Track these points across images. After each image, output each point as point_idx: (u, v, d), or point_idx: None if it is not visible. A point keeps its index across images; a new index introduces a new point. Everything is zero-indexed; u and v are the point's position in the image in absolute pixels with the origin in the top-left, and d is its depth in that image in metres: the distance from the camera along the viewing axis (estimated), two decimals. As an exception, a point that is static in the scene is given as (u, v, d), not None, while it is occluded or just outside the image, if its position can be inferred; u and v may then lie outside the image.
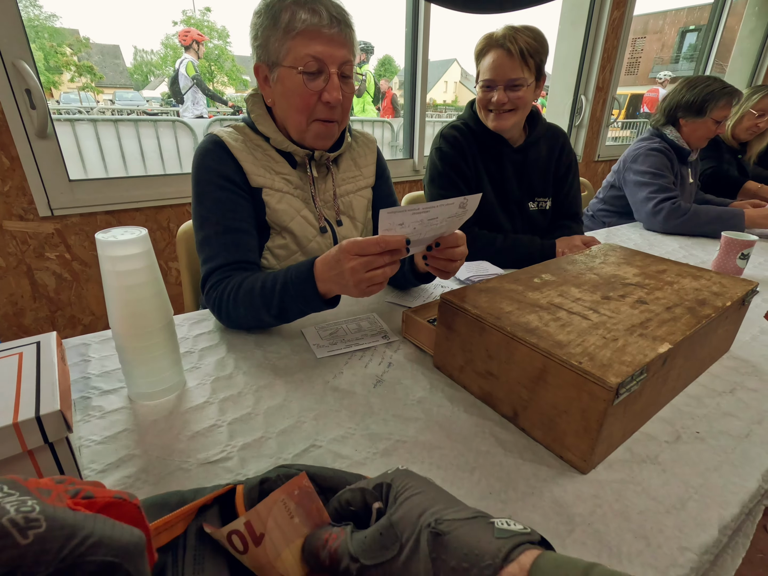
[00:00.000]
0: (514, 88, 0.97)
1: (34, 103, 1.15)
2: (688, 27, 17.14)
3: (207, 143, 0.74)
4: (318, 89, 0.70)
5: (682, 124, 1.47)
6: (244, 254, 0.71)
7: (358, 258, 0.53)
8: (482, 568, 0.23)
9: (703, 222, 1.33)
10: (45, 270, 1.32)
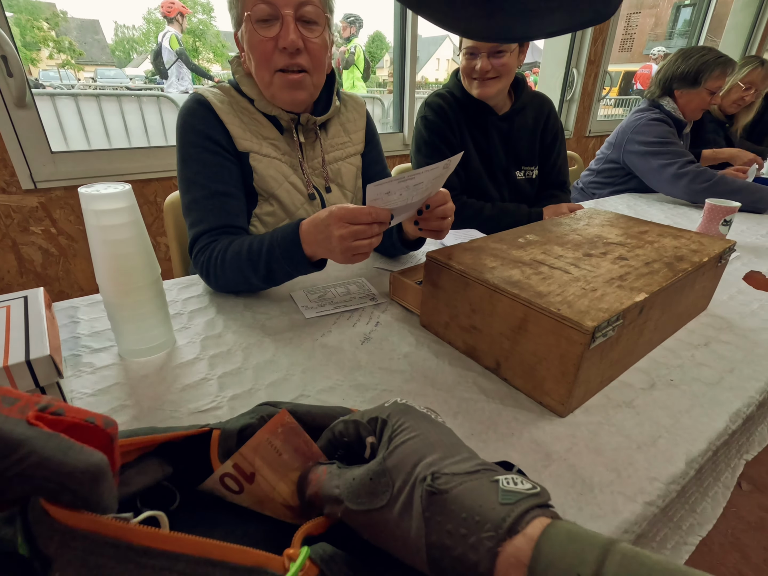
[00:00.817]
0: (497, 54, 0.97)
1: (11, 70, 1.11)
2: (683, 2, 16.88)
3: (192, 102, 0.72)
4: (272, 35, 0.67)
5: (677, 96, 1.46)
6: (232, 218, 0.71)
7: (349, 226, 0.53)
8: (483, 538, 0.20)
9: (726, 190, 1.30)
10: (31, 245, 1.30)
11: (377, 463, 0.25)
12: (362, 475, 0.25)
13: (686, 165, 1.35)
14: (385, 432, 0.27)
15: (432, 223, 0.63)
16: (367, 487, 0.24)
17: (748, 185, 1.32)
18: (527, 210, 1.04)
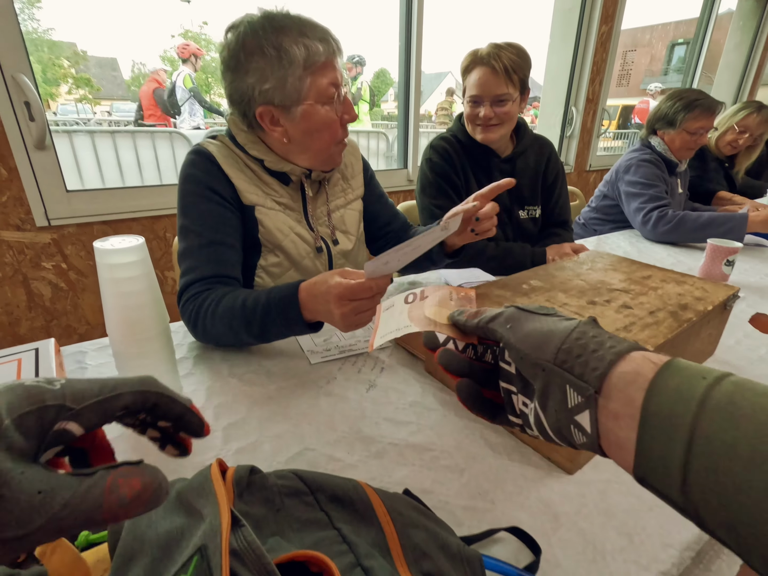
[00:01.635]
0: (500, 103, 1.00)
1: (33, 115, 1.16)
2: (676, 41, 17.53)
3: (195, 155, 0.72)
4: (339, 113, 0.71)
5: (660, 136, 1.51)
6: (226, 268, 0.69)
7: (350, 303, 0.52)
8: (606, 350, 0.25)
9: (693, 227, 1.31)
10: (41, 280, 1.32)
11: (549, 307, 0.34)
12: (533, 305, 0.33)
13: (653, 210, 1.38)
14: None
15: (485, 225, 0.72)
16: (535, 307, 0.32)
17: (714, 218, 1.29)
18: (530, 250, 1.06)
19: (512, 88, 1.00)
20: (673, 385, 0.22)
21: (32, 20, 25.82)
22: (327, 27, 0.68)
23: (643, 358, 0.24)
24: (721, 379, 0.21)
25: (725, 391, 0.20)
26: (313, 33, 0.65)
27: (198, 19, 28.55)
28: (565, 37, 2.58)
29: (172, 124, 4.36)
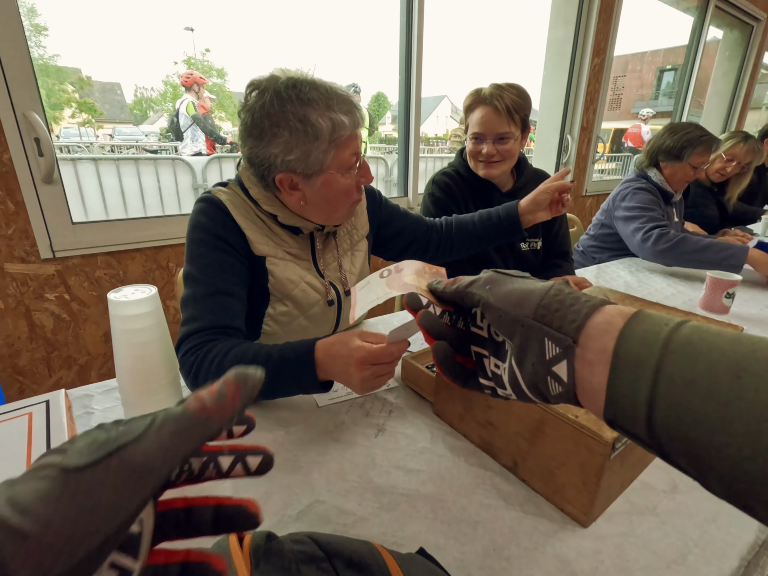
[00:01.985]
0: (502, 141, 1.03)
1: (42, 151, 1.19)
2: (665, 67, 18.09)
3: (205, 202, 0.71)
4: (357, 178, 0.72)
5: (662, 167, 1.54)
6: (230, 319, 0.67)
7: (370, 367, 0.52)
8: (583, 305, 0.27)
9: (693, 249, 1.30)
10: (44, 311, 1.32)
11: None
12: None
13: (653, 229, 1.38)
14: None
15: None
16: (515, 273, 0.33)
17: (713, 243, 1.28)
18: None
19: (514, 126, 1.03)
20: (639, 331, 0.24)
21: (38, 47, 26.52)
22: (352, 97, 0.68)
23: (615, 310, 0.26)
24: (682, 324, 0.23)
25: (685, 333, 0.22)
26: (340, 106, 0.65)
27: (201, 45, 29.53)
28: (558, 69, 2.67)
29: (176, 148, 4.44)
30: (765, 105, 7.53)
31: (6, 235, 1.21)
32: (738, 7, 3.52)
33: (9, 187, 1.18)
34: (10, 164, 1.16)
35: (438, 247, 0.98)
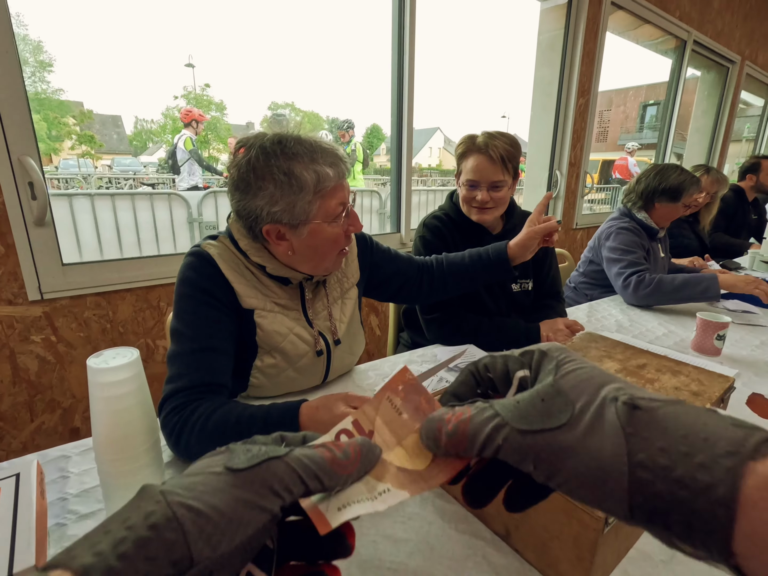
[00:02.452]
0: (496, 188, 1.06)
1: (36, 194, 1.19)
2: (647, 102, 18.86)
3: (194, 257, 0.71)
4: (345, 226, 0.72)
5: (657, 207, 1.58)
6: (215, 376, 0.66)
7: None
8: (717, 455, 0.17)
9: (670, 290, 1.36)
10: (28, 354, 1.29)
11: (547, 385, 0.23)
12: (530, 397, 0.23)
13: (631, 275, 1.43)
14: (547, 362, 0.25)
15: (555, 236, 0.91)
16: (539, 408, 0.22)
17: (689, 279, 1.35)
18: (524, 326, 1.06)
19: (507, 175, 1.05)
20: None
21: (42, 82, 27.22)
22: (337, 149, 0.70)
23: None
24: None
25: None
26: (324, 158, 0.67)
27: (201, 80, 30.40)
28: (545, 108, 2.77)
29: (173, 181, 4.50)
30: (745, 137, 7.82)
31: (-6, 278, 1.20)
32: (713, 50, 3.71)
33: (0, 230, 1.18)
34: (2, 208, 1.17)
35: (430, 287, 0.99)
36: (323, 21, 20.03)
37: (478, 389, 0.27)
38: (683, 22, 3.22)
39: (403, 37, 1.89)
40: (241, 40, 21.92)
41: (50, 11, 11.00)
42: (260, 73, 18.48)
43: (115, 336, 1.43)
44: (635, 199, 1.62)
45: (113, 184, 7.68)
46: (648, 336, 1.19)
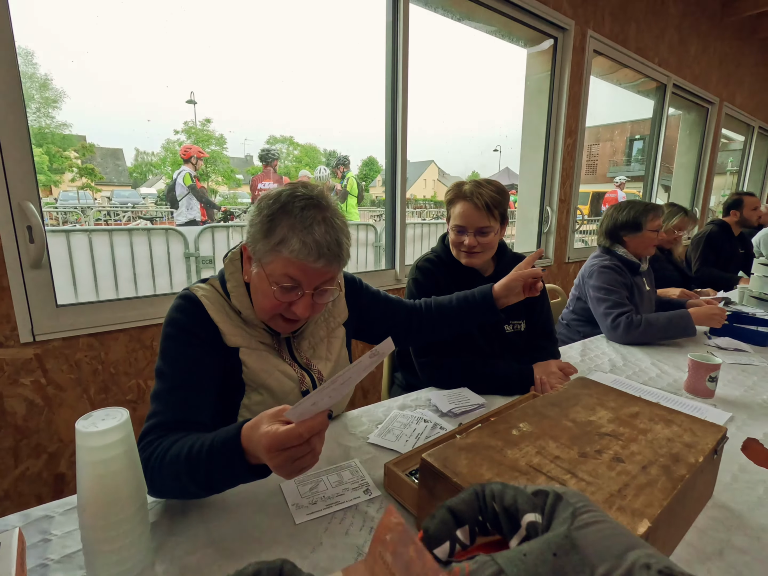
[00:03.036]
0: (482, 234, 1.09)
1: (34, 238, 1.21)
2: (634, 136, 19.57)
3: (182, 299, 0.74)
4: (289, 300, 0.71)
5: (626, 241, 1.65)
6: (192, 413, 0.68)
7: (281, 453, 0.48)
8: None
9: (656, 330, 1.43)
10: (17, 397, 1.27)
11: (561, 536, 0.20)
12: (539, 549, 0.20)
13: (620, 316, 1.47)
14: (562, 509, 0.22)
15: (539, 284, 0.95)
16: (551, 566, 0.19)
17: (671, 318, 1.43)
18: (518, 369, 1.06)
19: (493, 221, 1.08)
20: None
21: (46, 117, 27.86)
22: (336, 243, 0.69)
23: None
24: None
25: None
26: (307, 235, 0.66)
27: (201, 114, 31.32)
28: (534, 147, 2.87)
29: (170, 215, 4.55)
30: (729, 170, 8.07)
31: (-14, 321, 1.19)
32: (692, 92, 3.89)
33: (-4, 273, 1.19)
34: (-1, 252, 1.18)
35: (420, 330, 1.00)
36: (321, 57, 20.85)
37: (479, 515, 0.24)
38: (662, 67, 3.40)
39: (396, 72, 1.97)
40: (243, 77, 22.93)
41: (59, 47, 11.37)
42: (260, 109, 19.24)
43: (106, 377, 1.41)
44: (603, 240, 1.69)
45: (111, 216, 7.76)
46: (641, 376, 1.19)
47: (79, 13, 6.83)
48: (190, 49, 10.79)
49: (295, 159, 30.55)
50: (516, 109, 2.96)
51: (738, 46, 4.31)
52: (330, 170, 5.14)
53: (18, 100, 1.18)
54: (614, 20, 2.89)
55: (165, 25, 8.39)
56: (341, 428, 0.89)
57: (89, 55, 7.96)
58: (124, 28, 6.13)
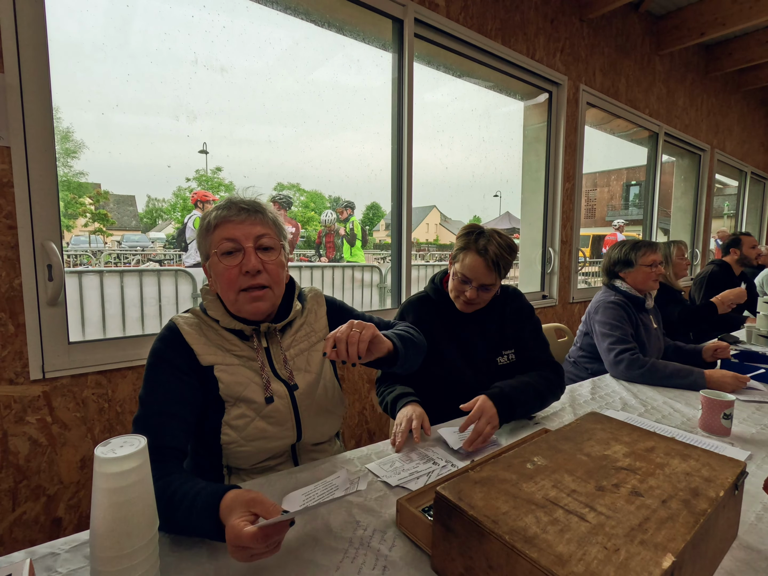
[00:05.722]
0: (485, 289, 1.13)
1: (53, 276, 1.25)
2: (630, 182, 20.16)
3: (164, 330, 0.82)
4: (237, 263, 0.80)
5: (623, 276, 1.71)
6: (167, 439, 0.72)
7: (240, 549, 0.52)
8: None
9: (660, 376, 1.40)
10: (21, 435, 1.26)
11: None
12: None
13: (623, 352, 1.47)
14: None
15: None
16: None
17: (679, 370, 1.39)
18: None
19: (497, 278, 1.13)
20: None
21: (65, 166, 29.13)
22: (235, 199, 0.83)
23: None
24: None
25: None
26: (223, 206, 0.82)
27: (212, 163, 32.62)
28: (534, 191, 2.97)
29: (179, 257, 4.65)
30: (726, 214, 8.21)
31: (0, 357, 1.20)
32: (684, 140, 4.07)
33: (13, 310, 1.21)
34: (19, 289, 1.21)
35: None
36: (329, 110, 22.50)
37: None
38: (653, 117, 3.58)
39: (401, 124, 2.09)
40: (253, 129, 24.27)
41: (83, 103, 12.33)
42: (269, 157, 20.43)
43: (111, 416, 1.40)
44: (603, 277, 1.78)
45: (121, 259, 7.92)
46: (654, 414, 1.17)
47: (109, 72, 7.45)
48: (208, 105, 11.54)
49: (302, 204, 31.57)
50: (514, 155, 3.10)
51: (724, 98, 4.55)
52: (335, 213, 5.30)
53: (50, 150, 1.26)
54: (604, 76, 3.09)
55: (189, 81, 8.92)
56: (336, 469, 0.87)
57: (116, 109, 8.58)
58: (150, 86, 6.57)
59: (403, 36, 2.01)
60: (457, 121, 5.08)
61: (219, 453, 0.83)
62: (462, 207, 25.39)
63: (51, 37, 1.26)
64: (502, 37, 2.40)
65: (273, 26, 1.91)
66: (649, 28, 3.43)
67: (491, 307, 1.22)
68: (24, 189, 1.21)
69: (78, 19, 1.90)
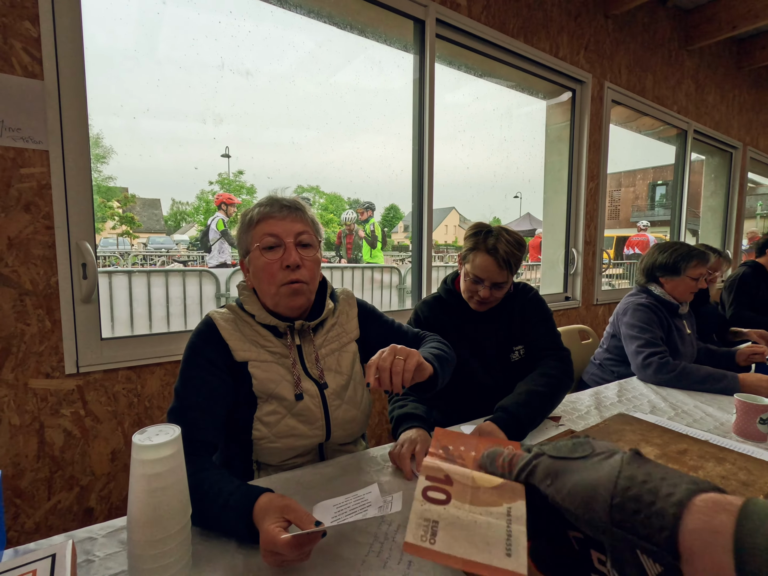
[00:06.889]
0: (498, 287, 1.13)
1: (87, 274, 1.30)
2: (656, 182, 19.61)
3: (201, 325, 0.85)
4: (278, 257, 0.82)
5: (663, 282, 1.60)
6: (199, 433, 0.74)
7: (273, 555, 0.53)
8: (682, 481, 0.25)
9: (692, 381, 1.35)
10: (56, 427, 1.31)
11: (584, 441, 0.34)
12: (566, 442, 0.33)
13: (652, 355, 1.42)
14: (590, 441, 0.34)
15: None
16: (569, 447, 0.32)
17: (712, 374, 1.34)
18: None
19: (509, 275, 1.13)
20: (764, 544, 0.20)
21: (95, 171, 30.12)
22: (276, 197, 0.86)
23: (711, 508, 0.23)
24: None
25: None
26: (265, 203, 0.84)
27: (234, 167, 33.34)
28: (557, 191, 2.93)
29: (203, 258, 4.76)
30: (759, 214, 7.87)
31: (37, 352, 1.26)
32: (714, 138, 3.93)
33: (50, 306, 1.27)
34: (55, 287, 1.27)
35: None
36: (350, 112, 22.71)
37: None
38: (681, 114, 3.48)
39: (423, 125, 2.09)
40: (277, 131, 24.78)
41: (113, 109, 12.85)
42: (291, 159, 20.78)
43: (140, 411, 1.44)
44: (640, 276, 1.66)
45: (147, 260, 8.17)
46: (685, 419, 1.13)
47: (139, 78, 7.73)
48: (233, 109, 11.94)
49: (321, 206, 31.87)
50: (536, 154, 3.06)
51: (757, 93, 4.38)
52: (356, 213, 5.34)
53: (85, 154, 1.31)
54: (630, 72, 3.02)
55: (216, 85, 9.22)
56: (352, 466, 0.87)
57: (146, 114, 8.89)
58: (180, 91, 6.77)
59: (425, 36, 2.01)
60: (478, 121, 5.05)
61: (250, 448, 0.84)
62: (483, 207, 25.25)
63: (86, 46, 1.31)
64: (525, 35, 2.38)
65: (296, 30, 1.95)
66: (678, 23, 3.34)
67: (503, 304, 1.21)
68: (61, 191, 1.26)
69: (110, 28, 1.97)
